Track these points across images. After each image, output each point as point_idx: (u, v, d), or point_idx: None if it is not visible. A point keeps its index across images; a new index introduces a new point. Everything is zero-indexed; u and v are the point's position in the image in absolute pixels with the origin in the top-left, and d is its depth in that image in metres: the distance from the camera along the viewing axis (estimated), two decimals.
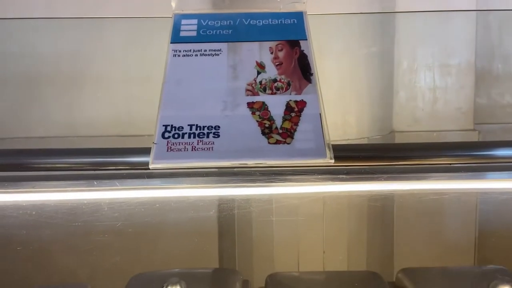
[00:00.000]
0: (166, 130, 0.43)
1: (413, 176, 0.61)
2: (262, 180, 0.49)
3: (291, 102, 0.45)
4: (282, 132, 0.43)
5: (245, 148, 0.41)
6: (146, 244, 0.78)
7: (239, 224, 1.02)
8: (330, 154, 0.41)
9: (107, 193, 0.51)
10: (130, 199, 0.52)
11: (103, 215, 0.54)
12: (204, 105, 0.45)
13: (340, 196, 0.87)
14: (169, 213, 0.59)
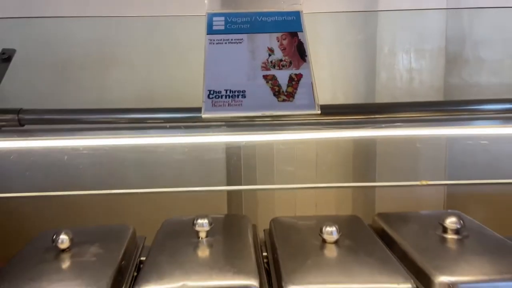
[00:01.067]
0: (210, 93, 0.65)
1: (387, 125, 0.82)
2: (275, 128, 0.71)
3: (292, 75, 0.68)
4: (287, 94, 0.65)
5: (263, 104, 0.64)
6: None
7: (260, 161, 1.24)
8: (318, 108, 0.63)
9: (170, 139, 0.73)
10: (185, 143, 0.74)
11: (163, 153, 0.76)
12: (233, 77, 0.67)
13: (330, 141, 1.10)
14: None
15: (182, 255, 0.90)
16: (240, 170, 1.30)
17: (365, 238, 1.00)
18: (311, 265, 0.86)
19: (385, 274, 0.82)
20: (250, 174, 1.30)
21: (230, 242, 0.99)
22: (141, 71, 1.31)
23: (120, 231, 1.04)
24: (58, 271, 0.84)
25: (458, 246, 0.91)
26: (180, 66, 1.16)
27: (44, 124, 0.70)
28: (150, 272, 0.84)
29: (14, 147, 0.71)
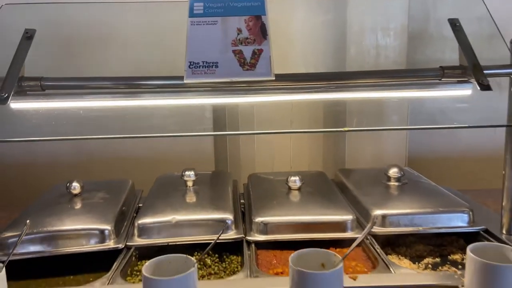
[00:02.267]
0: (190, 64, 0.84)
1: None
2: (249, 92, 0.89)
3: (255, 50, 0.87)
4: (250, 64, 0.84)
5: (231, 72, 0.83)
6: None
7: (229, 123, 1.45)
8: (273, 75, 0.83)
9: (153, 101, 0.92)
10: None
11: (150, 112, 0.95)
12: (209, 51, 0.86)
13: (303, 101, 1.29)
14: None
15: (172, 199, 1.11)
16: (225, 123, 1.51)
17: (325, 187, 1.21)
18: (276, 204, 1.07)
19: (333, 210, 1.03)
20: (234, 128, 1.50)
21: (213, 190, 1.20)
22: (134, 48, 1.49)
23: (122, 184, 1.24)
24: (73, 210, 1.05)
25: (395, 190, 1.13)
26: (167, 44, 1.35)
27: (60, 89, 0.89)
28: (146, 210, 1.04)
29: (37, 107, 0.90)
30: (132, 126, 0.86)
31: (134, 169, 1.54)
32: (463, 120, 0.97)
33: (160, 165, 1.53)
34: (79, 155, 1.56)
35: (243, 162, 1.61)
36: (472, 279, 0.69)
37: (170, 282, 0.65)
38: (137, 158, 1.58)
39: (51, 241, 0.93)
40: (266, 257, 0.94)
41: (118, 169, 1.57)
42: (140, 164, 1.56)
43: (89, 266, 0.92)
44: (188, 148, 1.58)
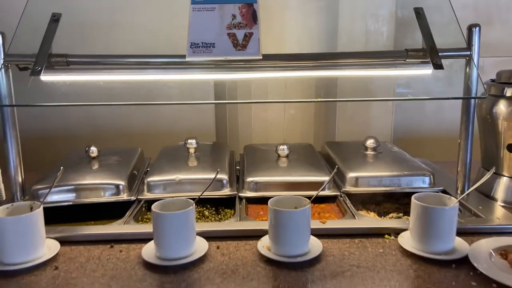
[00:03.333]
0: (191, 44, 1.00)
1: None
2: (246, 69, 1.05)
3: (247, 33, 1.02)
4: (241, 45, 1.00)
5: (225, 52, 0.99)
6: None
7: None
8: (260, 55, 0.99)
9: (161, 76, 1.09)
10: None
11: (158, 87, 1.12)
12: (207, 34, 1.02)
13: (296, 79, 1.46)
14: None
15: (176, 162, 1.28)
16: (225, 96, 1.68)
17: (310, 155, 1.38)
18: (265, 167, 1.24)
19: (314, 172, 1.19)
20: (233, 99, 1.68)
21: (212, 156, 1.37)
22: (141, 32, 1.65)
23: (132, 151, 1.42)
24: (92, 169, 1.22)
25: (370, 158, 1.29)
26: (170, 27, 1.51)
27: (82, 65, 1.06)
28: (154, 170, 1.22)
29: (62, 79, 1.07)
30: (143, 96, 1.02)
31: (142, 140, 1.71)
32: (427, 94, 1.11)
33: (166, 137, 1.70)
34: (92, 126, 1.73)
35: (241, 135, 1.78)
36: (414, 221, 0.86)
37: (174, 215, 0.82)
38: (145, 130, 1.76)
39: (74, 192, 1.11)
40: (255, 209, 1.12)
41: (127, 140, 1.74)
42: (148, 136, 1.74)
43: (106, 215, 1.11)
44: (191, 122, 1.75)
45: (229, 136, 1.82)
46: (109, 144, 1.75)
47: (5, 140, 1.09)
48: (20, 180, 1.14)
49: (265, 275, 0.79)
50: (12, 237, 0.82)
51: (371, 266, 0.81)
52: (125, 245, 0.91)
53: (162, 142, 1.59)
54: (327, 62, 1.18)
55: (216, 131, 1.81)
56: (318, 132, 1.84)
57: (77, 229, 0.97)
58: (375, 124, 1.86)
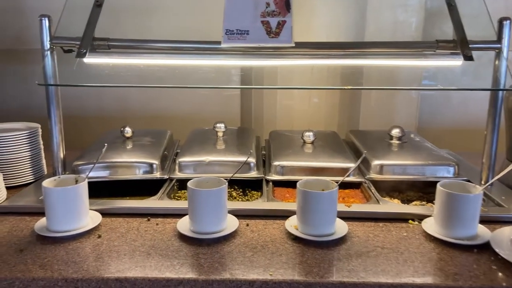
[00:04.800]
0: (226, 31, 1.04)
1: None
2: (273, 56, 1.09)
3: (280, 21, 1.06)
4: (275, 33, 1.04)
5: (259, 39, 1.03)
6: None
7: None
8: (293, 42, 1.02)
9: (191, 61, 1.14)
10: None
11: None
12: (242, 21, 1.05)
13: (323, 67, 1.49)
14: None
15: (206, 145, 1.33)
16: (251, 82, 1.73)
17: (335, 142, 1.41)
18: (291, 152, 1.28)
19: (339, 159, 1.23)
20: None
21: (239, 140, 1.42)
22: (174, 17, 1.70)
23: (163, 132, 1.48)
24: (127, 148, 1.29)
25: (395, 147, 1.32)
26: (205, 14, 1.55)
27: (122, 49, 1.12)
28: (185, 151, 1.28)
29: (104, 62, 1.13)
30: (174, 80, 1.07)
31: (170, 123, 1.78)
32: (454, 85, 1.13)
33: (192, 120, 1.76)
34: (124, 108, 1.81)
35: (265, 121, 1.82)
36: (439, 207, 0.89)
37: (209, 192, 0.88)
38: (173, 113, 1.82)
39: (111, 169, 1.18)
40: (281, 192, 1.16)
41: (156, 122, 1.81)
42: (175, 119, 1.80)
43: (139, 191, 1.17)
44: (217, 107, 1.80)
45: (253, 122, 1.86)
46: (140, 126, 1.83)
47: (49, 118, 1.16)
48: (62, 156, 1.21)
49: (293, 251, 0.84)
50: (60, 206, 0.89)
51: (395, 248, 0.85)
52: (161, 219, 0.98)
53: (189, 126, 1.65)
54: (355, 51, 1.20)
55: (241, 117, 1.86)
56: (342, 121, 1.87)
57: (117, 203, 1.03)
58: (399, 114, 1.87)
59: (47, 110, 1.16)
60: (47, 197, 0.89)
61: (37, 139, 1.20)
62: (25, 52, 1.72)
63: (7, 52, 1.75)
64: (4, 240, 0.88)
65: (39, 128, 1.22)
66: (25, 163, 1.16)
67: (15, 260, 0.80)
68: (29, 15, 1.71)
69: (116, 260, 0.80)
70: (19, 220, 0.97)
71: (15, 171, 1.14)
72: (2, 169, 1.12)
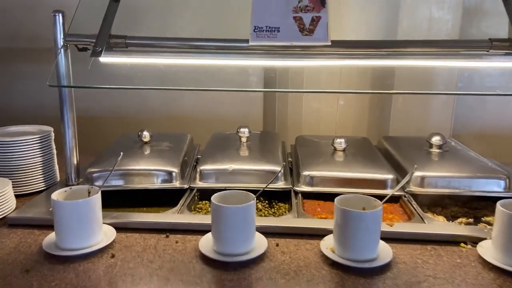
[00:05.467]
0: (255, 28, 0.94)
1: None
2: (300, 56, 0.98)
3: (314, 17, 0.95)
4: (308, 30, 0.93)
5: (291, 36, 0.93)
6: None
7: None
8: (329, 41, 0.91)
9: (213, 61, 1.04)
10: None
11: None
12: (272, 17, 0.95)
13: (352, 68, 1.37)
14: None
15: (228, 151, 1.24)
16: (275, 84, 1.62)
17: (368, 150, 1.30)
18: (321, 161, 1.17)
19: (375, 169, 1.12)
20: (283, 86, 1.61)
21: (264, 146, 1.32)
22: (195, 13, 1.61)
23: (182, 136, 1.39)
24: (145, 154, 1.20)
25: (436, 156, 1.20)
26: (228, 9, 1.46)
27: (141, 47, 1.03)
28: (206, 158, 1.18)
29: (121, 61, 1.04)
30: (194, 81, 0.98)
31: (189, 125, 1.69)
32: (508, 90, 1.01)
33: (213, 123, 1.67)
34: (141, 110, 1.72)
35: (290, 126, 1.72)
36: (499, 230, 0.77)
37: (235, 209, 0.78)
38: (192, 115, 1.73)
39: (127, 177, 1.09)
40: (311, 205, 1.06)
41: (174, 124, 1.72)
42: (194, 120, 1.71)
43: (156, 201, 1.08)
44: (239, 109, 1.71)
45: (277, 126, 1.76)
46: (156, 127, 1.74)
47: (62, 121, 1.08)
48: (75, 162, 1.13)
49: (331, 279, 0.73)
50: (71, 221, 0.80)
51: (449, 278, 0.73)
52: (181, 235, 0.88)
53: (208, 128, 1.56)
54: (391, 50, 1.08)
55: (263, 120, 1.76)
56: (372, 125, 1.75)
57: (133, 216, 0.95)
58: (433, 118, 1.74)
59: (60, 112, 1.08)
60: (57, 211, 0.80)
61: (49, 143, 1.13)
62: (37, 50, 1.65)
63: (19, 50, 1.68)
64: (10, 258, 0.80)
65: (52, 132, 1.15)
66: (36, 170, 1.08)
67: (20, 282, 0.72)
68: (42, 12, 1.64)
69: (131, 286, 0.71)
70: (27, 234, 0.89)
71: (26, 178, 1.07)
72: (11, 176, 1.05)
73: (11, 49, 1.69)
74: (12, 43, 1.68)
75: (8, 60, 1.71)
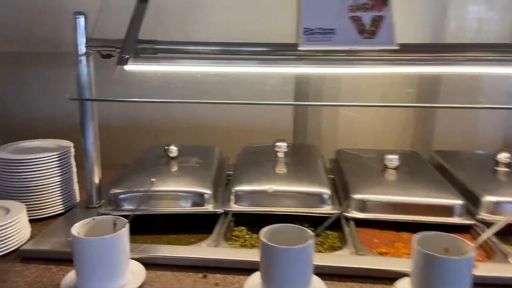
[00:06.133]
0: (305, 30, 0.81)
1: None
2: (337, 62, 0.84)
3: (375, 16, 0.81)
4: (369, 32, 0.79)
5: (349, 39, 0.79)
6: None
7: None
8: (396, 44, 0.77)
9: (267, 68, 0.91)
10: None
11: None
12: (325, 17, 0.82)
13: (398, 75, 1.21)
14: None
15: (265, 168, 1.10)
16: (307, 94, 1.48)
17: (422, 167, 1.15)
18: (373, 182, 1.03)
19: (438, 192, 0.96)
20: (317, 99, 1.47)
21: (303, 162, 1.18)
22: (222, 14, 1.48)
23: (211, 149, 1.26)
24: (173, 172, 1.08)
25: (506, 176, 1.04)
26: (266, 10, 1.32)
27: (171, 53, 0.90)
28: (241, 177, 1.05)
29: (150, 70, 0.91)
30: (229, 91, 0.85)
31: (213, 135, 1.55)
32: None
33: (238, 132, 1.53)
34: (164, 119, 1.60)
35: (324, 136, 1.57)
36: None
37: (291, 251, 0.64)
38: (217, 123, 1.59)
39: (155, 200, 0.96)
40: (366, 235, 0.91)
41: (197, 134, 1.59)
42: (218, 130, 1.57)
43: (185, 225, 0.96)
44: (266, 118, 1.56)
45: (309, 136, 1.61)
46: (178, 136, 1.60)
47: (83, 136, 0.96)
48: (97, 181, 1.01)
49: None
50: (94, 261, 0.68)
51: None
52: (220, 275, 0.75)
53: (233, 138, 1.42)
54: (441, 55, 0.93)
55: (293, 129, 1.61)
56: (417, 137, 1.59)
57: (164, 250, 0.81)
58: (482, 130, 1.57)
59: (80, 125, 0.96)
60: (78, 248, 0.68)
61: (68, 161, 1.01)
62: (55, 55, 1.54)
63: (35, 55, 1.56)
64: None
65: (72, 147, 1.03)
66: (54, 191, 0.96)
67: None
68: (61, 14, 1.52)
69: None
70: (43, 271, 0.76)
71: (42, 201, 0.95)
72: (26, 199, 0.93)
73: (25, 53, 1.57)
74: (25, 47, 1.57)
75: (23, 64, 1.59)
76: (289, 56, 0.88)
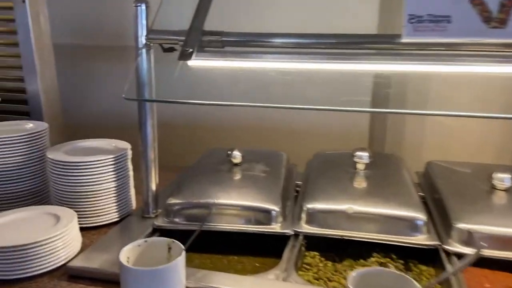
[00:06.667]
0: (411, 18, 0.63)
1: None
2: (423, 59, 0.66)
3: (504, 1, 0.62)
4: (498, 20, 0.60)
5: (470, 30, 0.60)
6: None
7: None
8: None
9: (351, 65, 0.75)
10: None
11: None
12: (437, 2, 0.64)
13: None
14: None
15: (343, 183, 0.94)
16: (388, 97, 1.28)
17: None
18: (482, 207, 0.83)
19: None
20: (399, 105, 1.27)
21: (388, 177, 1.00)
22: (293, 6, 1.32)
23: (277, 156, 1.12)
24: (236, 181, 0.95)
25: None
26: None
27: (241, 46, 0.78)
28: (314, 192, 0.90)
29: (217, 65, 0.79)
30: (297, 94, 0.71)
31: (280, 140, 1.41)
32: None
33: (306, 137, 1.38)
34: (223, 118, 1.48)
35: (406, 145, 1.36)
36: None
37: None
38: (282, 127, 1.45)
39: (216, 215, 0.85)
40: (474, 276, 0.72)
41: (262, 137, 1.46)
42: (285, 134, 1.43)
43: (246, 246, 0.83)
44: (339, 121, 1.39)
45: (387, 143, 1.41)
46: (241, 137, 1.48)
47: (141, 139, 0.87)
48: (154, 187, 0.92)
49: None
50: None
51: None
52: None
53: (302, 142, 1.27)
54: None
55: (369, 136, 1.42)
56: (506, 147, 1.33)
57: (225, 280, 0.69)
58: None
59: (139, 127, 0.87)
60: (126, 278, 0.58)
61: (126, 164, 0.92)
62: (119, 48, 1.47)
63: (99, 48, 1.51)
64: None
65: (129, 149, 0.94)
66: (109, 197, 0.88)
67: None
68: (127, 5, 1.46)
69: None
70: None
71: (97, 207, 0.87)
72: (78, 206, 0.85)
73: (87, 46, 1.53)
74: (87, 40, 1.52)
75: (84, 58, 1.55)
76: (384, 49, 0.71)
